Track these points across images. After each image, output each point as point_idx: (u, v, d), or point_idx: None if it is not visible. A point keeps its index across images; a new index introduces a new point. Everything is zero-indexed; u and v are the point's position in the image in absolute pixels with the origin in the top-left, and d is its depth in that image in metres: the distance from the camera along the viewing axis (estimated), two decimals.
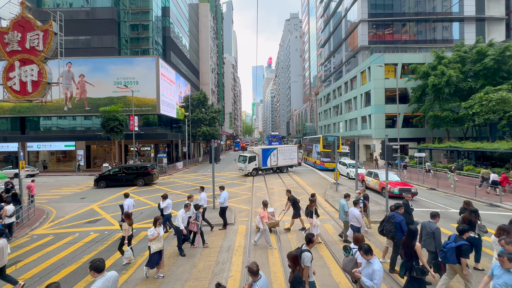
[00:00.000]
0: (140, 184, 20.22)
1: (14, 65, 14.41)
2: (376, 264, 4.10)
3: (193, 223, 8.18)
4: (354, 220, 7.54)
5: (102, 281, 3.71)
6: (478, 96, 21.90)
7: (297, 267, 4.29)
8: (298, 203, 9.78)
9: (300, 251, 4.64)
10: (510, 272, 3.98)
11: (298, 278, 4.23)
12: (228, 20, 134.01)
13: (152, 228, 6.50)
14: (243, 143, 73.75)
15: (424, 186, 18.61)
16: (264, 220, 8.06)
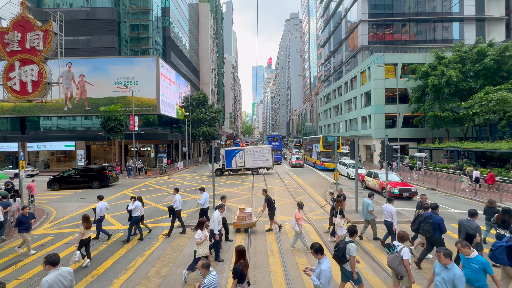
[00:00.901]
0: (95, 187, 19.39)
1: (14, 65, 14.42)
2: (324, 264, 4.15)
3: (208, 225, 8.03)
4: (389, 216, 7.85)
5: (54, 275, 3.92)
6: (478, 96, 21.91)
7: (240, 260, 4.53)
8: (273, 204, 9.70)
9: (345, 243, 5.01)
10: (447, 268, 4.04)
11: (236, 270, 4.44)
12: (228, 20, 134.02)
13: (199, 232, 6.17)
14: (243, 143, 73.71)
15: (424, 186, 18.61)
16: (300, 222, 7.70)
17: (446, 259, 4.03)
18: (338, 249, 5.07)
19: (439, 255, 4.09)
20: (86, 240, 7.22)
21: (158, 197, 16.03)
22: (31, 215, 8.41)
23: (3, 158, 31.72)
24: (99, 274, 6.87)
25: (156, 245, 8.66)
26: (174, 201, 9.44)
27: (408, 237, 5.20)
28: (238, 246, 4.75)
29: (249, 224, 9.41)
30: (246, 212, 9.56)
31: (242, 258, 4.55)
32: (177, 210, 9.43)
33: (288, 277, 6.47)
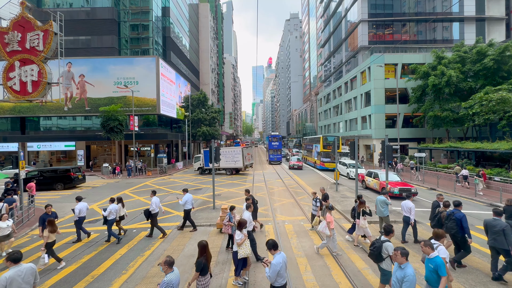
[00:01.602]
0: (59, 188, 18.95)
1: (14, 65, 14.42)
2: (275, 259, 4.39)
3: (226, 225, 7.85)
4: (408, 211, 8.25)
5: (15, 271, 4.06)
6: (478, 96, 21.90)
7: (203, 254, 4.74)
8: (256, 204, 9.68)
9: (381, 242, 5.15)
10: (401, 268, 4.07)
11: (199, 263, 4.62)
12: (228, 20, 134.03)
13: (239, 232, 5.99)
14: (243, 143, 73.71)
15: (424, 186, 18.61)
16: (331, 225, 7.49)
17: (402, 258, 4.04)
18: (374, 247, 5.21)
19: (396, 254, 4.11)
20: (51, 244, 7.25)
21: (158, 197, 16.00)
22: (54, 214, 8.35)
23: (3, 158, 31.71)
24: (99, 274, 6.87)
25: (156, 245, 8.66)
26: (150, 204, 9.19)
27: (444, 235, 5.17)
28: (200, 241, 4.91)
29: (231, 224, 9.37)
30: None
31: (204, 253, 4.77)
32: (154, 213, 9.18)
33: (288, 277, 6.46)
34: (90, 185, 21.32)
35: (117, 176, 25.35)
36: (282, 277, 4.37)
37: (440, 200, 8.16)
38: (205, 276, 4.70)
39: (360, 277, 6.48)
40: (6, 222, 8.07)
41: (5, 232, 8.02)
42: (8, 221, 8.14)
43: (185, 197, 9.76)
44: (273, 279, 4.33)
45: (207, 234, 9.61)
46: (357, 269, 6.86)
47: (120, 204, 9.50)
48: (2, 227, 7.94)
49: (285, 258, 4.52)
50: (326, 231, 7.61)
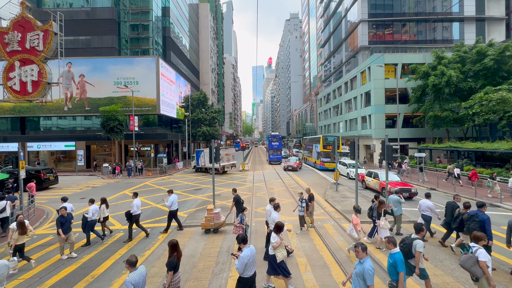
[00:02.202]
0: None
1: (14, 65, 14.42)
2: (243, 252, 4.77)
3: (238, 226, 7.71)
4: (428, 211, 8.51)
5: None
6: (478, 96, 21.90)
7: (174, 253, 4.88)
8: (242, 203, 9.63)
9: (412, 239, 5.25)
10: (360, 263, 4.24)
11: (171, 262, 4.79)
12: (228, 20, 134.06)
13: (275, 235, 5.84)
14: (243, 143, 73.77)
15: (424, 186, 18.60)
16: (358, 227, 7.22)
17: (363, 253, 4.24)
18: (404, 244, 5.36)
19: (357, 250, 4.30)
20: (20, 246, 7.15)
21: (158, 197, 16.03)
22: (70, 216, 8.09)
23: (3, 158, 31.71)
24: (99, 274, 6.87)
25: (156, 245, 8.66)
26: (131, 206, 9.13)
27: (484, 238, 5.07)
28: (170, 240, 5.03)
29: (217, 224, 9.55)
30: (214, 212, 9.66)
31: (175, 251, 4.91)
32: (134, 215, 9.15)
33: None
34: (90, 185, 21.33)
35: (117, 176, 25.35)
36: (249, 269, 4.73)
37: (458, 200, 8.19)
38: (176, 274, 4.91)
39: None
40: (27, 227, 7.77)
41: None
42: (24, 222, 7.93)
43: (171, 199, 9.66)
44: (241, 270, 4.67)
45: (207, 234, 9.60)
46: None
47: (104, 205, 9.41)
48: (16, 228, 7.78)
49: (253, 251, 4.90)
50: (354, 233, 7.38)
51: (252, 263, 4.79)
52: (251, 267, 4.77)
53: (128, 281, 4.05)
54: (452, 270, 6.77)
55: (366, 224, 10.43)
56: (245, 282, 4.78)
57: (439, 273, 6.63)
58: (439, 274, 6.60)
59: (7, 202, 9.88)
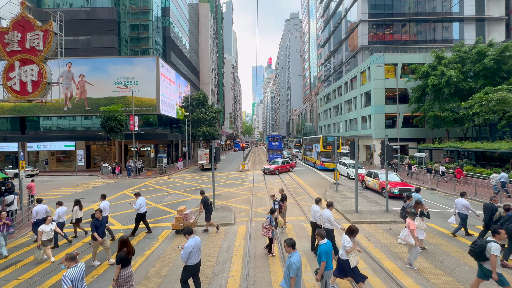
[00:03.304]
0: None
1: (14, 65, 14.41)
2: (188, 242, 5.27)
3: (267, 228, 7.50)
4: (464, 209, 8.81)
5: None
6: (478, 96, 21.89)
7: (123, 248, 5.09)
8: (210, 205, 9.70)
9: (486, 242, 5.17)
10: (289, 257, 4.65)
11: (119, 256, 5.01)
12: (228, 20, 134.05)
13: (348, 239, 5.51)
14: (243, 143, 73.75)
15: (424, 187, 18.60)
16: (414, 233, 6.66)
17: (289, 248, 4.71)
18: (476, 245, 5.27)
19: (285, 245, 4.76)
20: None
21: (158, 197, 16.03)
22: (105, 219, 7.73)
23: (3, 158, 31.72)
24: (99, 274, 6.88)
25: (156, 245, 8.66)
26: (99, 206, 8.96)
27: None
28: (121, 237, 5.23)
29: (187, 225, 9.53)
30: (184, 213, 9.70)
31: (124, 247, 5.11)
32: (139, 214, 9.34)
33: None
34: (90, 185, 21.33)
35: (117, 176, 25.36)
36: (193, 258, 5.24)
37: (495, 202, 8.27)
38: (126, 268, 5.11)
39: None
40: (49, 226, 7.71)
41: (49, 236, 7.69)
42: (51, 224, 7.78)
43: (139, 201, 9.48)
44: (185, 259, 5.18)
45: (206, 234, 9.61)
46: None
47: (77, 206, 9.36)
48: (45, 231, 7.58)
49: (197, 241, 5.41)
50: (410, 239, 6.67)
51: (196, 252, 5.27)
52: (194, 256, 5.26)
53: (65, 276, 4.10)
54: (452, 270, 6.77)
55: (365, 224, 10.44)
56: (189, 270, 5.29)
57: (439, 273, 6.63)
58: (439, 274, 6.61)
59: (15, 196, 10.45)
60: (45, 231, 7.57)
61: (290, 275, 4.47)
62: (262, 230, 7.65)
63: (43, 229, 7.54)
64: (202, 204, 9.54)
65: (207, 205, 9.53)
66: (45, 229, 7.58)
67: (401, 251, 7.92)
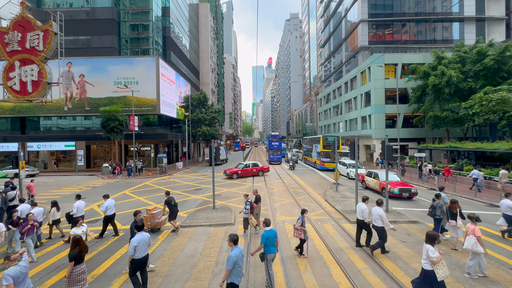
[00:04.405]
0: None
1: (14, 65, 14.42)
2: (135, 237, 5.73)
3: (299, 229, 7.36)
4: (509, 210, 8.62)
5: None
6: (478, 96, 21.89)
7: (75, 247, 5.30)
8: (175, 206, 9.80)
9: None
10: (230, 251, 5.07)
11: (71, 254, 5.22)
12: (228, 20, 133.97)
13: (433, 249, 4.91)
14: (243, 143, 73.73)
15: (424, 187, 18.61)
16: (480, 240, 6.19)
17: (231, 243, 5.09)
18: None
19: (228, 240, 5.14)
20: None
21: (158, 197, 16.03)
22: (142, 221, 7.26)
23: (3, 158, 31.71)
24: (99, 274, 6.88)
25: (156, 245, 8.66)
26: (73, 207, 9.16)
27: None
28: (74, 236, 5.50)
29: (153, 224, 9.76)
30: (152, 212, 9.87)
31: (76, 246, 5.33)
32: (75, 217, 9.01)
33: (288, 277, 6.47)
34: (90, 185, 21.33)
35: (117, 176, 25.36)
36: (140, 252, 5.66)
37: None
38: (79, 265, 5.30)
39: (360, 277, 6.49)
40: (81, 228, 7.31)
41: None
42: (82, 227, 7.39)
43: (105, 204, 9.27)
44: (131, 252, 5.60)
45: (206, 234, 9.61)
46: (357, 269, 6.86)
47: (55, 207, 9.32)
48: (77, 234, 7.03)
49: (145, 237, 5.82)
50: (478, 248, 6.17)
51: (142, 246, 5.70)
52: (141, 250, 5.68)
53: (6, 274, 4.12)
54: (452, 270, 6.77)
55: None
56: (136, 263, 5.69)
57: None
58: None
59: (16, 192, 10.82)
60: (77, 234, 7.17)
61: (227, 267, 4.86)
62: (294, 231, 7.46)
63: (75, 232, 7.14)
64: (166, 204, 9.74)
65: (170, 205, 9.71)
66: (77, 232, 7.15)
67: (402, 251, 7.92)
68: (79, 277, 5.23)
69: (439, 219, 8.51)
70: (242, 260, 5.05)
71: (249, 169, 24.26)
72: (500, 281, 6.21)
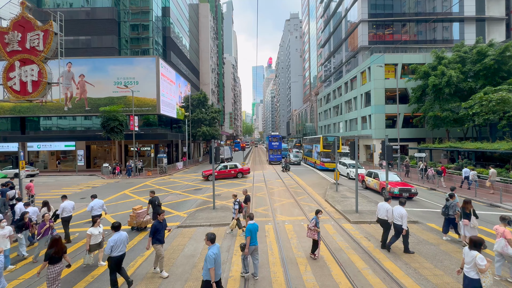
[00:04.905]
0: None
1: (14, 65, 14.41)
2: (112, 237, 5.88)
3: (312, 229, 7.27)
4: None
5: None
6: (478, 96, 21.89)
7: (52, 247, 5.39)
8: (158, 206, 9.91)
9: None
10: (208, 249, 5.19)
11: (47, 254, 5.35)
12: (228, 20, 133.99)
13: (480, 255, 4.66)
14: (243, 143, 73.76)
15: (424, 187, 18.61)
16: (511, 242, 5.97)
17: (208, 242, 5.22)
18: None
19: (205, 239, 5.27)
20: None
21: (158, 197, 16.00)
22: (165, 222, 7.03)
23: (3, 158, 31.71)
24: (99, 274, 6.87)
25: None
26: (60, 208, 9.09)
27: None
28: (53, 236, 5.63)
29: (139, 223, 10.05)
30: (137, 212, 10.10)
31: (54, 246, 5.43)
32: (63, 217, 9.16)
33: (288, 277, 6.47)
34: (90, 185, 21.34)
35: (117, 176, 25.36)
36: (117, 251, 5.82)
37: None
38: (55, 265, 5.43)
39: (360, 277, 6.48)
40: (97, 228, 7.22)
41: (97, 240, 7.17)
42: (99, 227, 7.31)
43: (91, 204, 9.07)
44: (108, 251, 5.77)
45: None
46: (357, 269, 6.86)
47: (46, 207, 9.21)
48: (94, 234, 7.06)
49: (123, 236, 5.97)
50: (510, 251, 5.99)
51: (119, 245, 5.83)
52: (118, 249, 5.83)
53: None
54: (452, 270, 6.77)
55: (365, 224, 10.44)
56: (113, 261, 5.82)
57: (439, 273, 6.63)
58: (439, 274, 6.61)
59: (16, 191, 11.02)
60: (94, 234, 7.08)
61: (208, 266, 4.96)
62: (307, 231, 7.36)
63: (92, 232, 7.02)
64: (150, 204, 9.94)
65: (154, 204, 9.89)
66: (94, 232, 7.08)
67: (402, 251, 7.92)
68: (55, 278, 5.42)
69: (452, 218, 8.72)
70: (220, 257, 5.23)
71: (227, 171, 22.87)
72: (500, 281, 6.21)
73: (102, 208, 9.27)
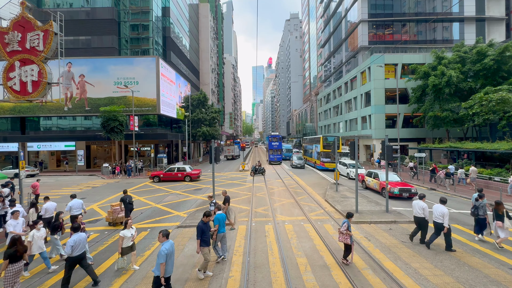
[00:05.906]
0: None
1: (14, 65, 14.43)
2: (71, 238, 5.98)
3: (344, 233, 6.94)
4: None
5: None
6: (478, 96, 21.90)
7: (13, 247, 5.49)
8: (130, 204, 10.37)
9: None
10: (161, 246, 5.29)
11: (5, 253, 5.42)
12: (228, 20, 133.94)
13: None
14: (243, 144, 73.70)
15: (424, 187, 18.60)
16: None
17: (163, 238, 5.34)
18: None
19: (159, 236, 5.41)
20: None
21: (158, 197, 16.03)
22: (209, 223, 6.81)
23: (3, 158, 31.74)
24: (99, 274, 6.87)
25: (156, 245, 8.66)
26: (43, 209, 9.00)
27: None
28: (12, 236, 5.70)
29: (114, 219, 10.66)
30: (114, 208, 10.77)
31: (14, 245, 5.52)
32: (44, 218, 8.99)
33: (288, 277, 6.47)
34: (90, 185, 21.33)
35: (117, 176, 25.36)
36: (76, 251, 5.98)
37: None
38: (14, 264, 5.46)
39: (360, 277, 6.48)
40: (130, 230, 6.85)
41: (128, 243, 6.80)
42: (131, 229, 6.93)
43: (70, 204, 9.07)
44: (69, 252, 5.90)
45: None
46: (357, 269, 6.86)
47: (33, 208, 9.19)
48: (126, 236, 6.70)
49: (82, 237, 6.15)
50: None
51: (78, 245, 6.01)
52: (78, 249, 6.00)
53: None
54: (452, 270, 6.77)
55: (365, 224, 10.44)
56: (73, 261, 6.02)
57: (439, 273, 6.63)
58: (439, 274, 6.61)
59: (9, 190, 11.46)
60: (126, 237, 6.72)
61: (159, 261, 5.05)
62: (339, 236, 7.07)
63: (124, 234, 6.67)
64: (121, 202, 10.34)
65: (125, 203, 10.30)
66: (126, 234, 6.72)
67: (402, 251, 7.92)
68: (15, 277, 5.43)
69: (482, 219, 8.72)
70: (174, 254, 5.40)
71: (173, 173, 21.75)
72: (500, 281, 6.21)
73: (81, 208, 9.24)
